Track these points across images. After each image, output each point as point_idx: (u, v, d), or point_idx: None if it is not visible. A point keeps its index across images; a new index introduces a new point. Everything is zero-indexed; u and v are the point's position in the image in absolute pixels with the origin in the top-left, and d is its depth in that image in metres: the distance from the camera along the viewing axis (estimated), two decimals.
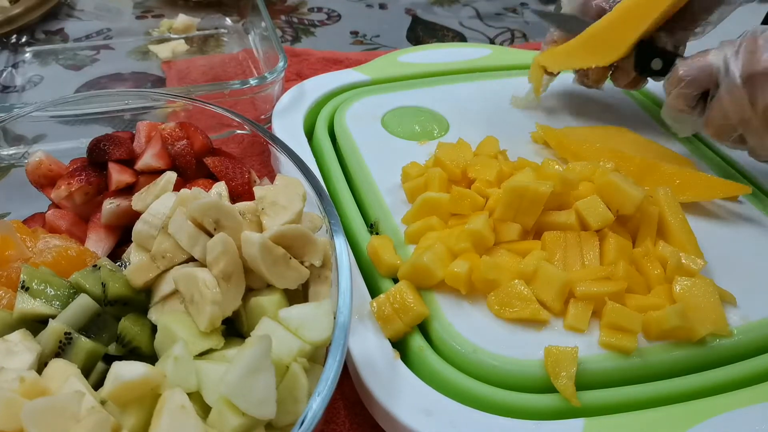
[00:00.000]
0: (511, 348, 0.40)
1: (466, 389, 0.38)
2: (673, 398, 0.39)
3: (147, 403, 0.30)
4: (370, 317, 0.42)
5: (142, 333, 0.35)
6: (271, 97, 0.64)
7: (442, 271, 0.42)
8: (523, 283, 0.42)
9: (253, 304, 0.36)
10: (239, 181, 0.48)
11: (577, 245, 0.44)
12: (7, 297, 0.36)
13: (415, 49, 0.73)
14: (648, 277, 0.43)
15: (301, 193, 0.40)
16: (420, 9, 0.99)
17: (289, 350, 0.33)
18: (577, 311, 0.41)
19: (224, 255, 0.35)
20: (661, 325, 0.39)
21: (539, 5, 1.03)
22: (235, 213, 0.36)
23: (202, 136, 0.49)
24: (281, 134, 0.58)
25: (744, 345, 0.41)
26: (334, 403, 0.43)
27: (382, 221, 0.50)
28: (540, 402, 0.38)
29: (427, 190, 0.48)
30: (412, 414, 0.37)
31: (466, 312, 0.42)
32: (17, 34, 0.80)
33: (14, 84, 0.73)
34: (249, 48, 0.81)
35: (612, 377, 0.39)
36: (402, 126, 0.59)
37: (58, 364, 0.32)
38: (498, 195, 0.45)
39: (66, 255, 0.39)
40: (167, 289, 0.36)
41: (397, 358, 0.40)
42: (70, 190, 0.45)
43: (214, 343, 0.34)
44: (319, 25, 0.93)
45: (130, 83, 0.75)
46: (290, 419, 0.32)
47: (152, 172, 0.46)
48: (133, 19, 0.87)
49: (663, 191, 0.47)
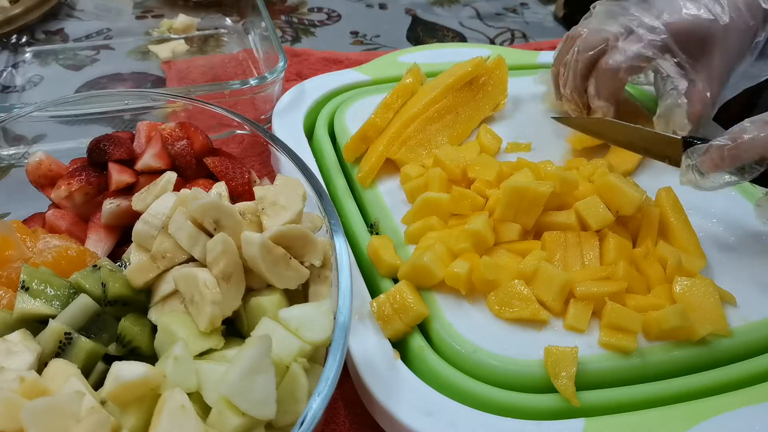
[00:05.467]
0: (511, 348, 0.40)
1: (466, 389, 0.38)
2: (673, 398, 0.39)
3: (147, 403, 0.30)
4: (370, 317, 0.42)
5: (142, 333, 0.35)
6: (271, 97, 0.64)
7: (442, 271, 0.42)
8: (523, 283, 0.42)
9: (253, 304, 0.36)
10: (239, 181, 0.48)
11: (577, 245, 0.44)
12: (7, 297, 0.36)
13: (415, 49, 0.73)
14: (648, 277, 0.43)
15: (301, 193, 0.40)
16: (420, 9, 0.99)
17: (289, 350, 0.33)
18: (577, 311, 0.41)
19: (224, 255, 0.35)
20: (661, 325, 0.39)
21: (539, 5, 1.03)
22: (235, 213, 0.36)
23: (202, 136, 0.49)
24: (281, 134, 0.58)
25: (744, 345, 0.41)
26: (334, 403, 0.43)
27: (382, 221, 0.50)
28: (540, 402, 0.38)
29: (427, 190, 0.48)
30: (412, 414, 0.37)
31: (466, 312, 0.42)
32: (17, 34, 0.80)
33: (14, 84, 0.73)
34: (249, 48, 0.81)
35: (612, 377, 0.39)
36: None
37: (58, 364, 0.32)
38: (498, 195, 0.45)
39: (66, 255, 0.39)
40: (167, 289, 0.36)
41: (397, 358, 0.40)
42: (70, 190, 0.45)
43: (214, 343, 0.34)
44: (319, 25, 0.93)
45: (130, 83, 0.75)
46: (290, 419, 0.32)
47: (152, 172, 0.46)
48: (133, 19, 0.87)
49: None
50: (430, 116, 0.55)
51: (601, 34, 0.51)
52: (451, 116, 0.56)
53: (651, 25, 0.50)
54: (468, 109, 0.57)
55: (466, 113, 0.57)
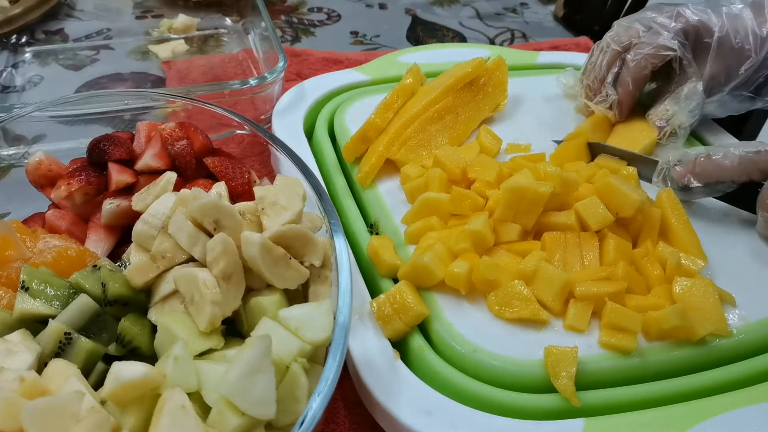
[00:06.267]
0: (511, 348, 0.40)
1: (466, 389, 0.38)
2: (673, 398, 0.39)
3: (147, 403, 0.30)
4: (370, 317, 0.42)
5: (142, 333, 0.35)
6: (271, 97, 0.64)
7: (442, 271, 0.42)
8: (522, 283, 0.42)
9: (253, 304, 0.36)
10: (239, 181, 0.48)
11: (576, 246, 0.44)
12: (7, 297, 0.36)
13: (415, 49, 0.73)
14: (648, 277, 0.43)
15: (301, 193, 0.40)
16: (420, 9, 0.99)
17: (289, 350, 0.33)
18: (576, 311, 0.41)
19: (224, 255, 0.35)
20: (661, 326, 0.39)
21: (539, 5, 1.03)
22: (235, 213, 0.36)
23: (202, 136, 0.49)
24: (281, 134, 0.58)
25: (743, 345, 0.41)
26: (334, 403, 0.43)
27: (382, 221, 0.50)
28: (540, 402, 0.38)
29: (427, 191, 0.48)
30: (412, 414, 0.37)
31: (466, 312, 0.42)
32: (17, 34, 0.80)
33: (14, 84, 0.73)
34: (249, 48, 0.81)
35: (612, 377, 0.39)
36: None
37: (58, 364, 0.32)
38: (498, 195, 0.45)
39: (66, 255, 0.39)
40: (167, 289, 0.36)
41: (397, 358, 0.40)
42: (70, 190, 0.45)
43: (214, 343, 0.34)
44: (319, 25, 0.93)
45: (130, 83, 0.75)
46: (290, 419, 0.32)
47: (152, 172, 0.46)
48: (133, 19, 0.87)
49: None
50: (430, 117, 0.55)
51: (629, 31, 0.57)
52: (451, 117, 0.56)
53: (666, 24, 0.56)
54: (468, 110, 0.57)
55: (466, 114, 0.57)
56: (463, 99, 0.57)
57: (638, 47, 0.56)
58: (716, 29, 0.54)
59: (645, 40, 0.56)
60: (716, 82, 0.56)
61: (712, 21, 0.55)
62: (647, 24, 0.56)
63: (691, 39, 0.55)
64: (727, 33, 0.54)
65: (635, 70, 0.56)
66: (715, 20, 0.55)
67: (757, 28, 0.54)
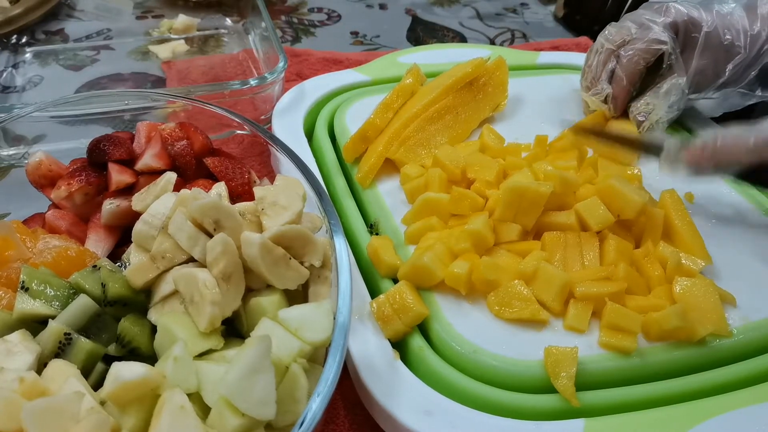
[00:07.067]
0: (511, 348, 0.40)
1: (466, 389, 0.38)
2: (673, 398, 0.39)
3: (147, 403, 0.30)
4: (370, 317, 0.42)
5: (142, 333, 0.35)
6: (271, 97, 0.64)
7: (442, 271, 0.42)
8: (522, 283, 0.42)
9: (253, 304, 0.36)
10: (239, 181, 0.48)
11: (577, 246, 0.44)
12: (7, 297, 0.36)
13: (415, 50, 0.73)
14: (648, 277, 0.43)
15: (301, 193, 0.40)
16: (420, 9, 0.99)
17: (289, 351, 0.33)
18: (577, 311, 0.41)
19: (224, 255, 0.35)
20: (661, 326, 0.39)
21: (539, 5, 1.03)
22: (235, 213, 0.36)
23: (202, 136, 0.49)
24: (281, 134, 0.58)
25: (744, 345, 0.41)
26: (334, 403, 0.43)
27: (382, 221, 0.50)
28: (540, 402, 0.38)
29: (427, 191, 0.48)
30: (412, 414, 0.37)
31: (466, 312, 0.42)
32: (17, 34, 0.80)
33: (14, 84, 0.73)
34: (249, 48, 0.81)
35: (612, 377, 0.39)
36: None
37: (58, 365, 0.32)
38: (498, 195, 0.45)
39: (66, 255, 0.39)
40: (167, 290, 0.36)
41: (397, 359, 0.40)
42: (70, 190, 0.45)
43: (213, 344, 0.34)
44: (319, 25, 0.93)
45: (130, 83, 0.76)
46: (290, 419, 0.32)
47: (152, 173, 0.46)
48: (133, 20, 0.87)
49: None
50: (429, 116, 0.55)
51: (622, 30, 0.58)
52: (451, 117, 0.56)
53: (655, 19, 0.57)
54: (468, 110, 0.57)
55: (465, 114, 0.57)
56: (463, 99, 0.57)
57: (631, 43, 0.57)
58: (705, 25, 0.55)
59: (637, 36, 0.57)
60: (704, 77, 0.57)
61: (701, 17, 0.56)
62: (639, 21, 0.57)
63: (680, 33, 0.56)
64: (716, 29, 0.55)
65: (628, 65, 0.56)
66: (705, 16, 0.55)
67: (749, 25, 0.55)
